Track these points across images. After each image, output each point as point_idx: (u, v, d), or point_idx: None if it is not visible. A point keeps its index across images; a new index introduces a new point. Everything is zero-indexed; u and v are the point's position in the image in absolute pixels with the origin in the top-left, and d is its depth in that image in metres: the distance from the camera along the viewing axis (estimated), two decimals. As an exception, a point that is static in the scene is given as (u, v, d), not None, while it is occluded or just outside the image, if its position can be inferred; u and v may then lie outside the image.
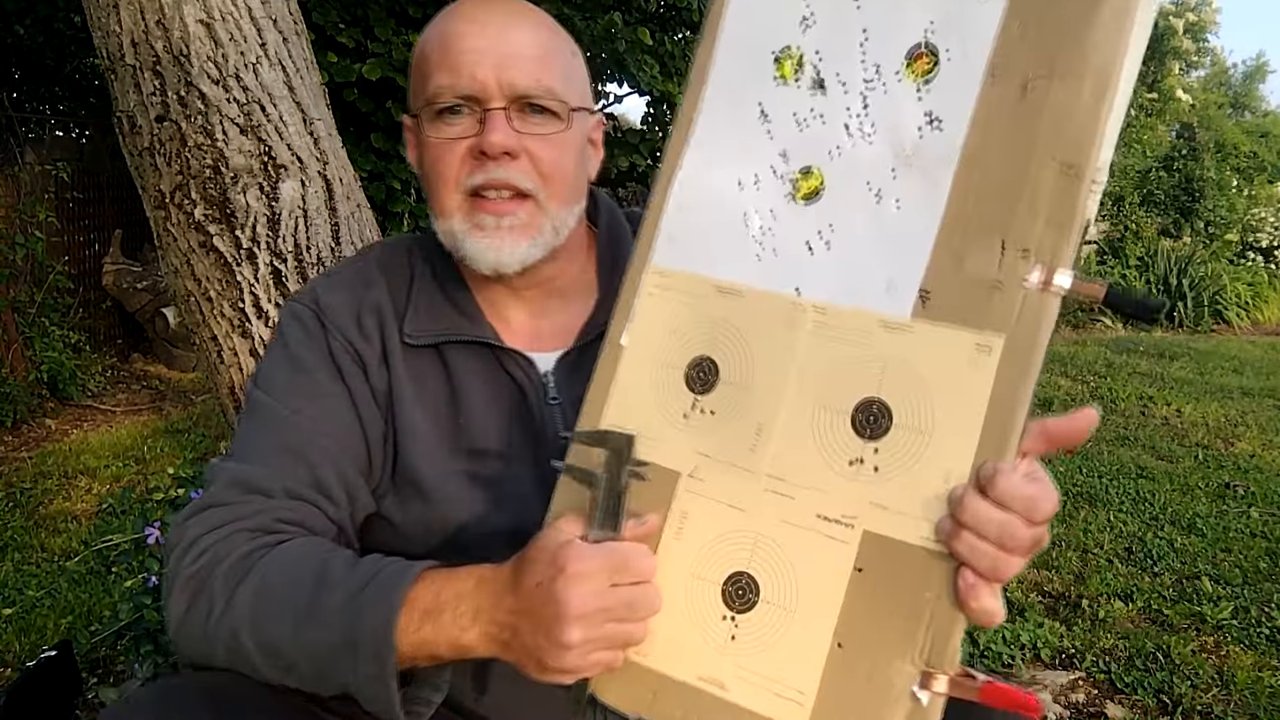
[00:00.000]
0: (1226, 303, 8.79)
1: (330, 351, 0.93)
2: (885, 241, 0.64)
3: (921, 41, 0.64)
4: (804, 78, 0.69)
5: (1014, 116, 0.59)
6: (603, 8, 6.39)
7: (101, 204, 6.23)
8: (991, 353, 0.59)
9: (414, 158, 0.97)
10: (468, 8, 0.90)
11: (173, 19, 1.92)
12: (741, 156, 0.71)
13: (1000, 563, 0.60)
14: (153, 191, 2.03)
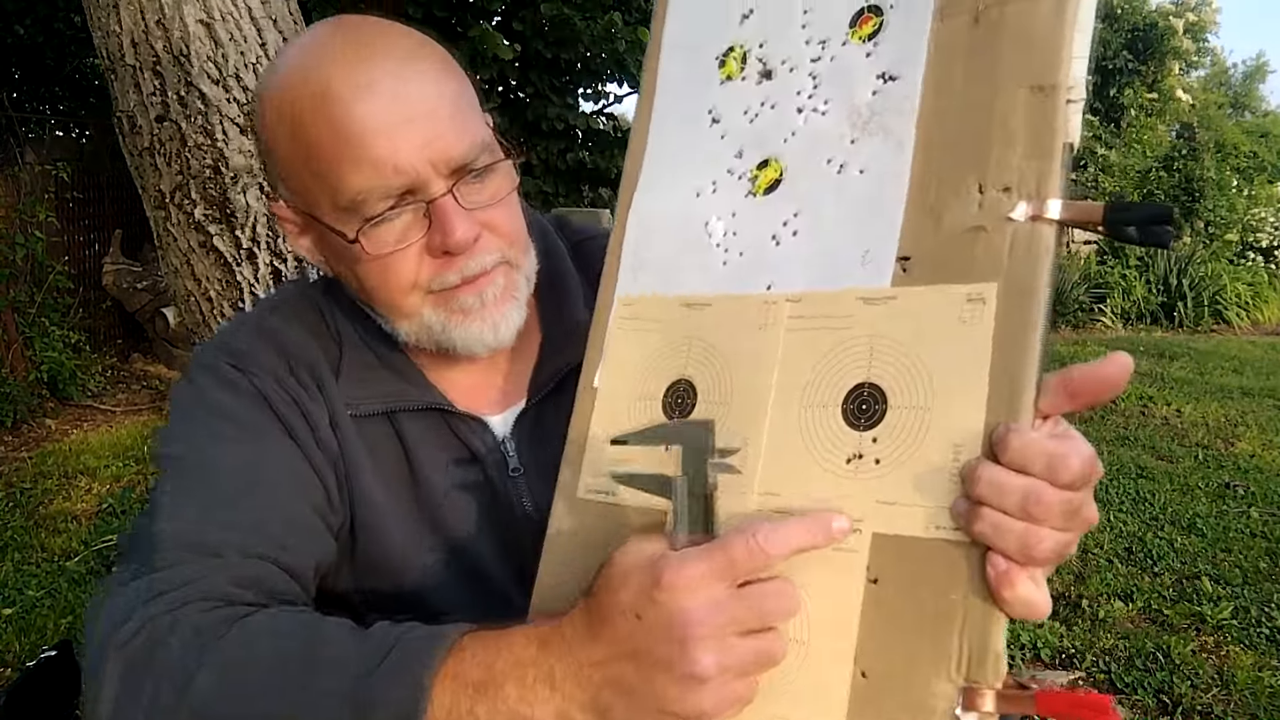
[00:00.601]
0: (1226, 303, 8.79)
1: (260, 392, 0.79)
2: (854, 213, 0.59)
3: (864, 5, 0.60)
4: (750, 71, 0.66)
5: (970, 50, 0.55)
6: (603, 8, 6.39)
7: (101, 204, 6.23)
8: (986, 303, 0.52)
9: (309, 248, 0.81)
10: (346, 72, 0.71)
11: (173, 19, 1.92)
12: (697, 166, 0.68)
13: (1031, 538, 0.50)
14: (153, 191, 2.03)
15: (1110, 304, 8.50)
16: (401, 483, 0.83)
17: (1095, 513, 0.54)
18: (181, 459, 0.76)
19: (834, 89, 0.61)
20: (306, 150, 0.72)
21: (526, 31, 6.22)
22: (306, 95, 0.71)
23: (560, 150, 6.77)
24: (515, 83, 6.48)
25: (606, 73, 7.00)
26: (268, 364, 0.81)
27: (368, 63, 0.71)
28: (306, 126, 0.71)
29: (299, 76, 0.72)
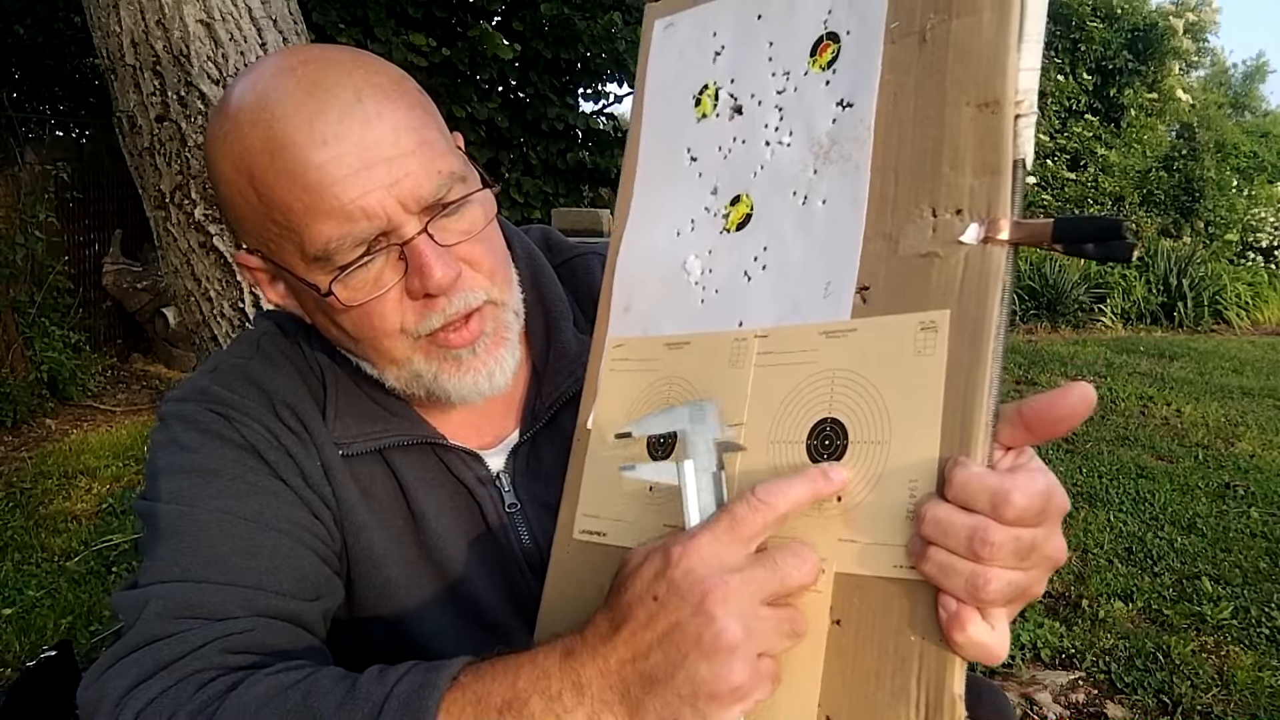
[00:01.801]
0: (1226, 303, 8.79)
1: (247, 441, 0.75)
2: (817, 245, 0.58)
3: (822, 33, 0.60)
4: (722, 108, 0.66)
5: (920, 70, 0.54)
6: (603, 8, 6.39)
7: (101, 204, 6.24)
8: (939, 331, 0.51)
9: (282, 297, 0.78)
10: (298, 115, 0.66)
11: (173, 19, 1.92)
12: (677, 206, 0.68)
13: (978, 579, 0.48)
14: (153, 191, 2.03)
15: (1110, 304, 8.50)
16: (398, 520, 0.80)
17: (1061, 549, 0.51)
18: (172, 517, 0.71)
19: (797, 120, 0.60)
20: (268, 203, 0.68)
21: (526, 31, 6.22)
22: (260, 146, 0.66)
23: (560, 150, 6.77)
24: (515, 83, 6.48)
25: (606, 73, 7.00)
26: (252, 410, 0.77)
27: (322, 103, 0.66)
28: (264, 178, 0.67)
29: (250, 124, 0.67)
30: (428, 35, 5.56)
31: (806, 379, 0.56)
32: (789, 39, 0.62)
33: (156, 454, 0.76)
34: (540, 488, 0.82)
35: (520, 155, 6.54)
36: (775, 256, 0.60)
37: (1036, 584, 0.51)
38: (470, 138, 6.01)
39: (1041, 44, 0.50)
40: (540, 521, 0.81)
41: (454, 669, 0.57)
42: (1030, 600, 0.52)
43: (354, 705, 0.57)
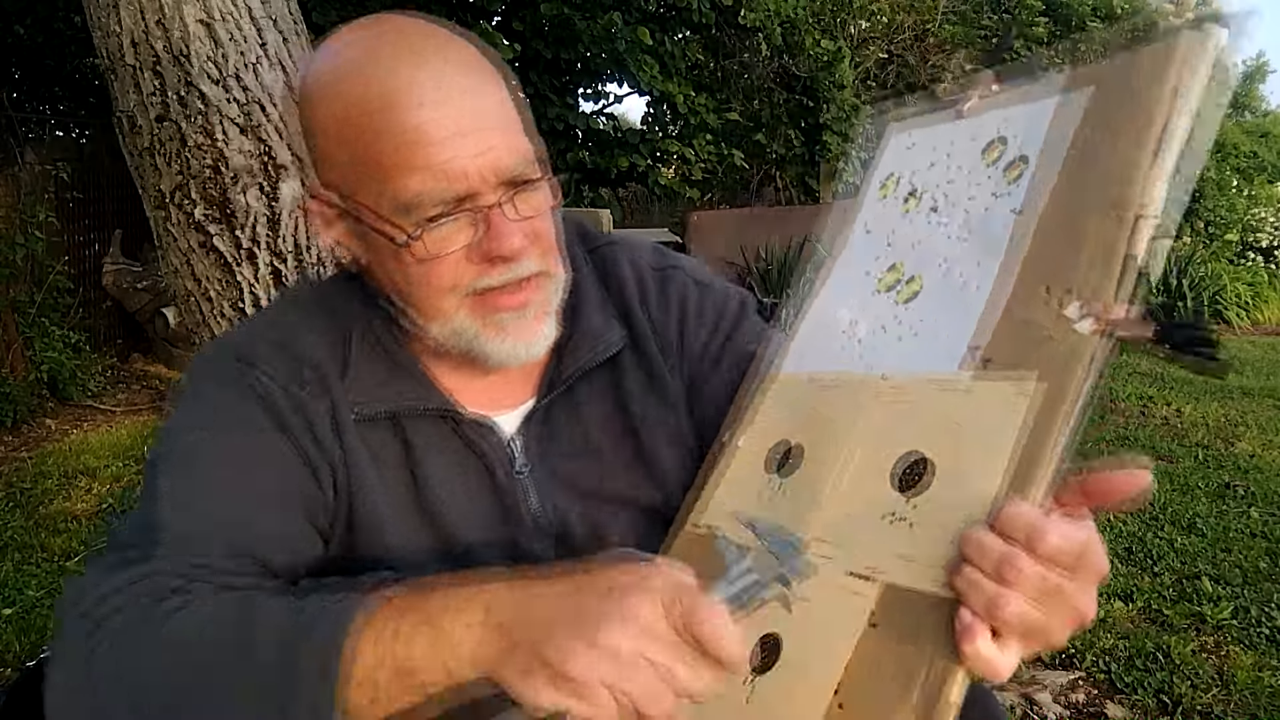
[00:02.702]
0: (1226, 303, 8.79)
1: (260, 395, 0.79)
2: (959, 315, 0.66)
3: (1016, 156, 0.69)
4: (924, 206, 0.75)
5: (1068, 172, 0.62)
6: (603, 8, 6.39)
7: (101, 204, 6.23)
8: (1028, 396, 0.58)
9: (339, 239, 0.81)
10: (412, 78, 0.72)
11: (173, 19, 1.92)
12: (865, 278, 0.78)
13: (999, 599, 0.52)
14: (153, 191, 2.03)
15: (1110, 304, 8.50)
16: (402, 485, 0.83)
17: (1089, 608, 0.55)
18: (176, 454, 0.77)
19: (977, 223, 0.69)
20: (364, 152, 0.73)
21: (526, 31, 6.22)
22: (368, 100, 0.72)
23: (560, 150, 6.77)
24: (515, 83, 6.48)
25: (606, 73, 7.00)
26: (273, 365, 0.81)
27: (425, 69, 0.73)
28: (365, 130, 0.73)
29: (359, 79, 0.73)
30: (428, 35, 5.56)
31: (911, 418, 0.65)
32: (989, 159, 0.71)
33: (180, 393, 0.82)
34: (551, 454, 0.86)
35: (520, 155, 6.55)
36: (927, 325, 0.70)
37: (1057, 631, 0.55)
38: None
39: (1188, 175, 0.57)
40: (548, 487, 0.85)
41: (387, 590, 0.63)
42: (1049, 648, 0.56)
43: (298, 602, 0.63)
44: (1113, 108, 0.61)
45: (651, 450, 0.88)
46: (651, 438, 0.88)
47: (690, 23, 7.58)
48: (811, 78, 9.29)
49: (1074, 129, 0.63)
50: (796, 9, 8.58)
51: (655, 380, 0.90)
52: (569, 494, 0.86)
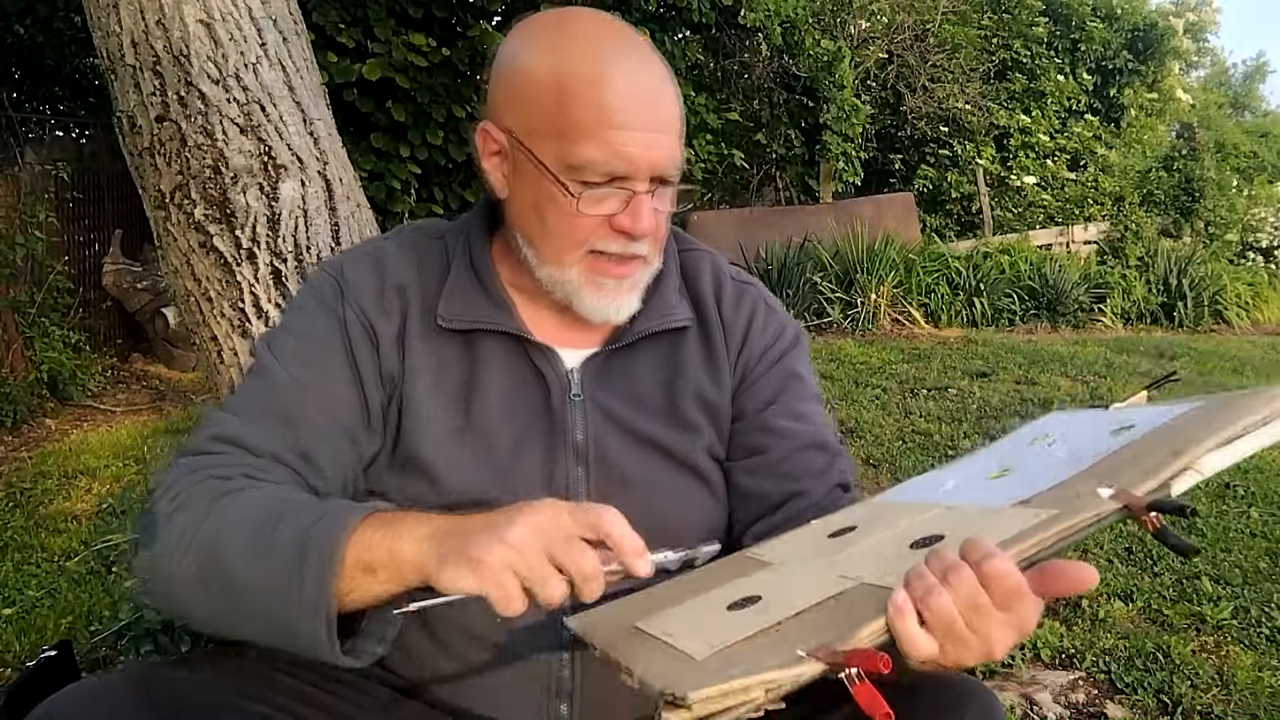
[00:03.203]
0: (1226, 303, 8.78)
1: (344, 323, 0.95)
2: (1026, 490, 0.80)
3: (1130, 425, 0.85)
4: (1044, 442, 0.92)
5: (1156, 438, 0.79)
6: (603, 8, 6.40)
7: (101, 204, 6.23)
8: (1039, 516, 0.70)
9: (494, 168, 0.96)
10: (620, 69, 0.88)
11: (173, 19, 1.92)
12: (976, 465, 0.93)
13: (933, 590, 0.63)
14: (153, 191, 2.03)
15: (1110, 304, 8.50)
16: (457, 396, 0.96)
17: (1000, 648, 0.64)
18: (263, 366, 0.94)
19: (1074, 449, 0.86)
20: (562, 112, 0.88)
21: (526, 31, 6.22)
22: (583, 71, 0.87)
23: (560, 150, 6.76)
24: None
25: (606, 73, 6.99)
26: (365, 294, 0.97)
27: (639, 69, 0.90)
28: (572, 96, 0.87)
29: (585, 55, 0.89)
30: (428, 35, 5.55)
31: (948, 520, 0.80)
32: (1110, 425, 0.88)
33: (287, 308, 1.02)
34: (603, 393, 1.00)
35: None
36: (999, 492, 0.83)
37: (968, 652, 0.64)
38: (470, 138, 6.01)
39: (1237, 454, 0.72)
40: (595, 417, 0.98)
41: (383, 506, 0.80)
42: (956, 665, 0.65)
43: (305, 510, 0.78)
44: (1216, 409, 0.78)
45: (684, 407, 1.01)
46: (691, 402, 1.02)
47: (690, 23, 7.58)
48: (811, 78, 9.29)
49: (1176, 415, 0.81)
50: (796, 9, 8.57)
51: (713, 361, 1.04)
52: (611, 427, 0.99)
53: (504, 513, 0.73)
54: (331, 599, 0.73)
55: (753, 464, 1.03)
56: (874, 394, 4.96)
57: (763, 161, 9.96)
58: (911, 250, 8.47)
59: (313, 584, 0.73)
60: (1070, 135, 12.32)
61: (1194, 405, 0.84)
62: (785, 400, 1.05)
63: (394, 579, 0.74)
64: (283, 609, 0.74)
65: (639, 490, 0.97)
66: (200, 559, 0.78)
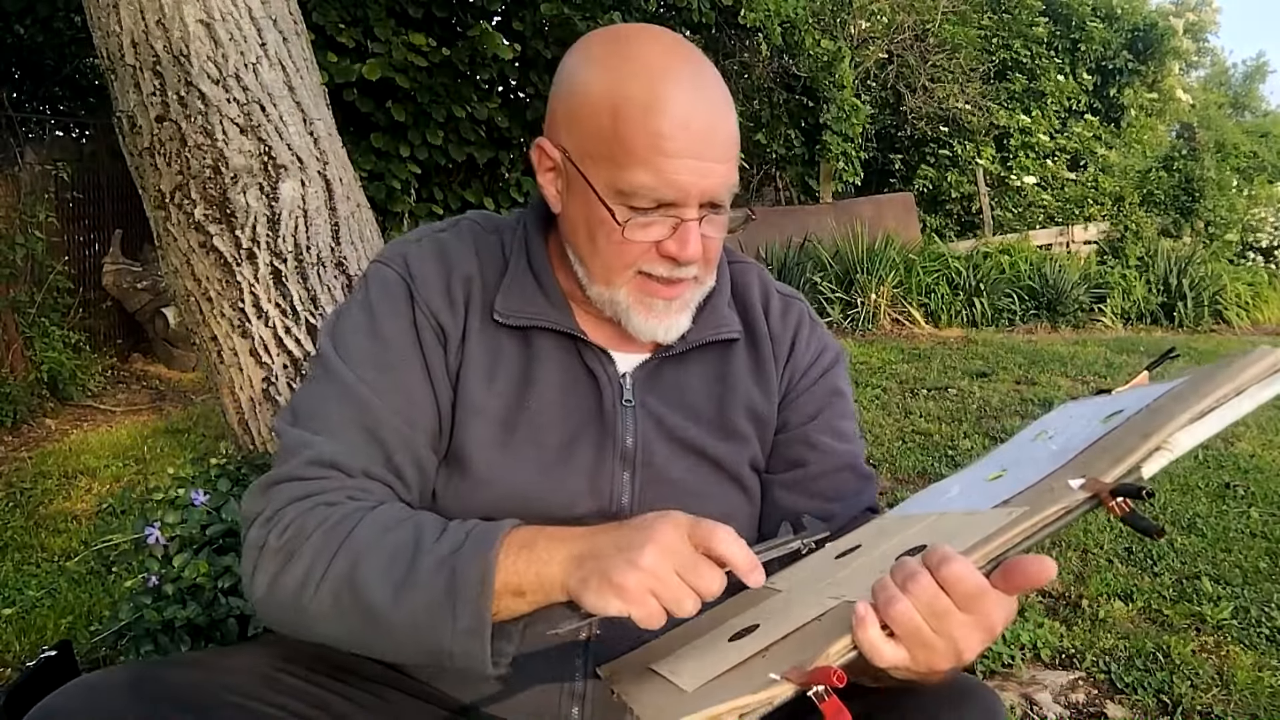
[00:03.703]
0: (1226, 303, 8.78)
1: (415, 324, 0.95)
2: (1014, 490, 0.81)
3: (1119, 410, 0.86)
4: (1044, 440, 0.93)
5: (1136, 422, 0.80)
6: (603, 8, 6.40)
7: (101, 204, 6.23)
8: (1011, 515, 0.72)
9: (549, 184, 0.96)
10: (676, 95, 0.86)
11: (173, 19, 1.92)
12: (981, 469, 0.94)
13: (893, 599, 0.64)
14: (153, 191, 2.03)
15: (1110, 304, 8.50)
16: (512, 392, 0.96)
17: (966, 653, 0.66)
18: (336, 371, 0.92)
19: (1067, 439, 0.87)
20: (616, 135, 0.87)
21: (526, 31, 6.22)
22: (642, 99, 0.86)
23: (560, 150, 6.75)
24: (515, 82, 6.48)
25: (606, 73, 6.99)
26: (433, 291, 0.96)
27: (695, 94, 0.88)
28: (628, 121, 0.86)
29: (643, 79, 0.87)
30: (428, 35, 5.55)
31: (934, 530, 0.81)
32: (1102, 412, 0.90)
33: (351, 304, 0.97)
34: (654, 400, 1.00)
35: (520, 155, 6.54)
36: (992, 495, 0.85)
37: (939, 655, 0.65)
38: (470, 138, 6.00)
39: (1209, 429, 0.74)
40: (645, 426, 0.99)
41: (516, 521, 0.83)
42: (931, 671, 0.67)
43: (446, 535, 0.81)
44: (1194, 384, 0.78)
45: (734, 417, 1.02)
46: (741, 414, 1.03)
47: (690, 23, 7.58)
48: (811, 78, 9.29)
49: (1158, 396, 0.82)
50: (796, 9, 8.58)
51: (762, 373, 1.05)
52: (661, 434, 0.99)
53: (633, 531, 0.76)
54: (488, 624, 0.76)
55: (790, 479, 1.04)
56: (874, 394, 4.96)
57: (763, 161, 9.96)
58: (911, 250, 8.47)
59: (467, 612, 0.76)
60: (1070, 135, 12.32)
61: (1176, 384, 0.85)
62: (827, 417, 1.07)
63: (541, 600, 0.78)
64: (434, 636, 0.77)
65: (684, 499, 0.96)
66: (335, 590, 0.80)
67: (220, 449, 2.07)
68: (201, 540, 1.59)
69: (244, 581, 0.86)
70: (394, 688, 0.96)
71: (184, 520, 1.60)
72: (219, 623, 1.53)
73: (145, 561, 1.58)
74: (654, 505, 0.94)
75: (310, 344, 2.06)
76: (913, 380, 5.34)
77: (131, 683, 0.79)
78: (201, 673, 0.84)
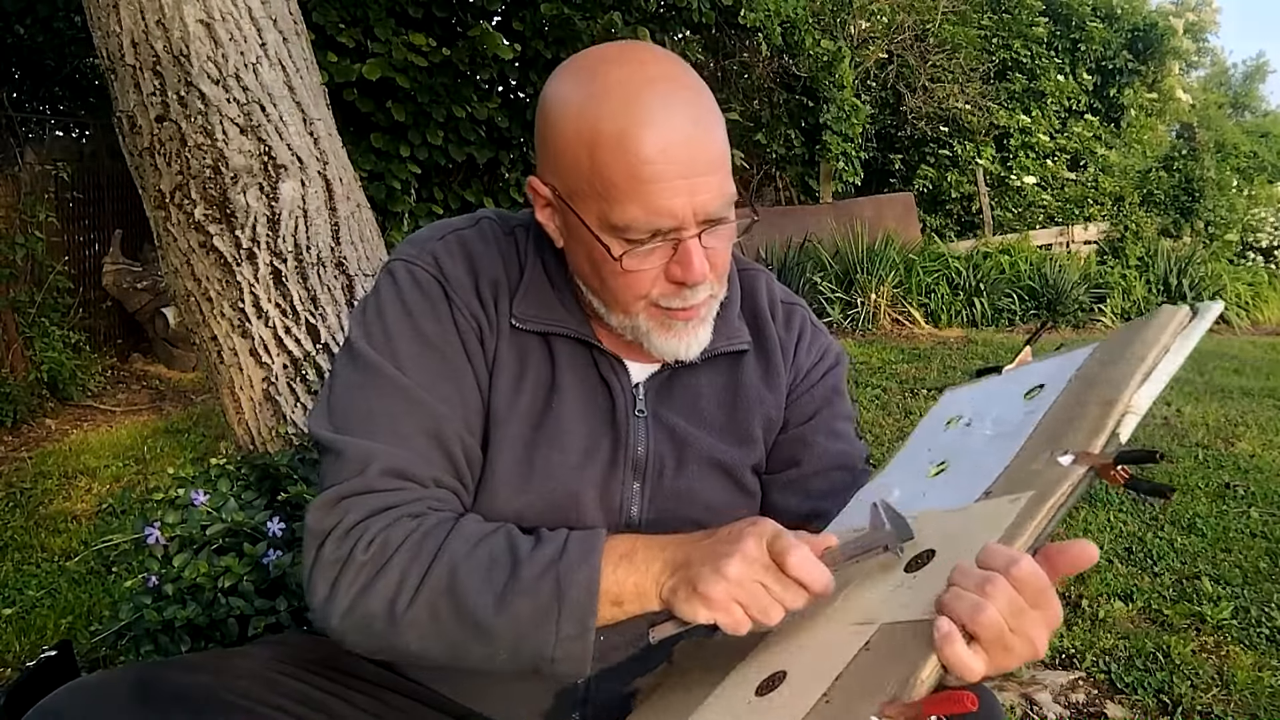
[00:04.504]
0: (1226, 303, 8.78)
1: (456, 325, 0.93)
2: (978, 480, 0.82)
3: (1034, 385, 0.89)
4: (961, 424, 0.95)
5: (1073, 392, 0.83)
6: (603, 8, 6.39)
7: (101, 204, 6.23)
8: (1019, 501, 0.73)
9: (548, 220, 0.95)
10: (649, 120, 0.83)
11: (173, 19, 1.92)
12: (912, 466, 0.96)
13: (979, 606, 0.64)
14: (153, 191, 2.03)
15: (1110, 304, 8.50)
16: (540, 397, 0.96)
17: (1039, 644, 0.66)
18: (389, 376, 0.90)
19: (1001, 426, 0.89)
20: (596, 172, 0.85)
21: (526, 31, 6.22)
22: (612, 134, 0.83)
23: (560, 150, 6.74)
24: (515, 82, 6.48)
25: (606, 73, 6.98)
26: (467, 290, 0.95)
27: (669, 122, 0.83)
28: (604, 157, 0.84)
29: (609, 115, 0.84)
30: (428, 35, 5.55)
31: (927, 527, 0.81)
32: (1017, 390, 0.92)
33: (384, 304, 0.94)
34: (666, 410, 1.00)
35: (520, 155, 6.54)
36: (949, 490, 0.87)
37: (1016, 653, 0.66)
38: (470, 138, 6.00)
39: (1159, 388, 0.75)
40: (657, 436, 0.99)
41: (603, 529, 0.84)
42: (1001, 670, 0.67)
43: (543, 544, 0.82)
44: (1113, 351, 0.81)
45: (748, 425, 1.03)
46: (750, 415, 1.04)
47: (690, 23, 7.57)
48: (811, 78, 9.28)
49: (1079, 367, 0.85)
50: (796, 9, 8.58)
51: (771, 376, 1.06)
52: (672, 445, 1.00)
53: (720, 542, 0.78)
54: (592, 630, 0.79)
55: (785, 478, 1.06)
56: (874, 394, 4.96)
57: (763, 161, 9.95)
58: (911, 250, 8.47)
59: (574, 619, 0.78)
60: (1070, 135, 12.31)
61: (1087, 351, 0.87)
62: (824, 416, 1.08)
63: (636, 609, 0.81)
64: (537, 642, 0.79)
65: (694, 510, 0.98)
66: (432, 601, 0.80)
67: (220, 449, 2.07)
68: (201, 540, 1.59)
69: (315, 599, 0.84)
70: (394, 690, 0.96)
71: (184, 520, 1.60)
72: (219, 623, 1.53)
73: (145, 561, 1.58)
74: (663, 516, 0.96)
75: (310, 344, 2.06)
76: (913, 380, 5.34)
77: (132, 684, 0.79)
78: (203, 674, 0.83)
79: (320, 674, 0.91)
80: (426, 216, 5.83)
